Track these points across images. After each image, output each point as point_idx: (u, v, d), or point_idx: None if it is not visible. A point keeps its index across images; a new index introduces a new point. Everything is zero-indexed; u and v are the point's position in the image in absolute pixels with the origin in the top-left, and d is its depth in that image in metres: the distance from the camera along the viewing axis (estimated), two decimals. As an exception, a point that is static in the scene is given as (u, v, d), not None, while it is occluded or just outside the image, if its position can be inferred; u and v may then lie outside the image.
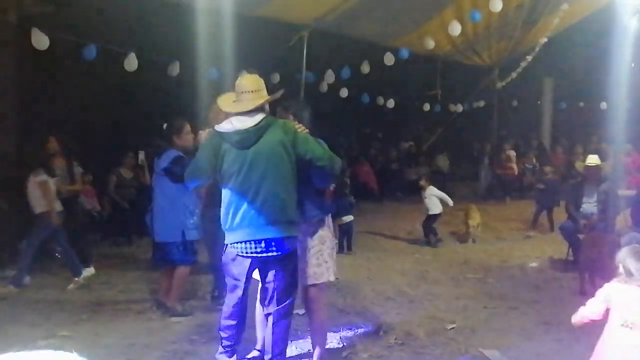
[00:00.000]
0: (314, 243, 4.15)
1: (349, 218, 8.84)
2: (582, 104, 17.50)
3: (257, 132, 3.87)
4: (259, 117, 3.90)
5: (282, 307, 4.01)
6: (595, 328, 3.62)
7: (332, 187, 4.30)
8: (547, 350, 4.81)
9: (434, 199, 9.29)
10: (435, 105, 15.39)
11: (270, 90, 4.14)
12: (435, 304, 6.14)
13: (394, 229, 10.49)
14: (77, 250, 7.10)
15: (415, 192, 11.35)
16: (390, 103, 14.53)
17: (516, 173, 14.50)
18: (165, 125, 5.73)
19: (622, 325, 3.40)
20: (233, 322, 4.10)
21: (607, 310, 3.49)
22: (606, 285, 3.58)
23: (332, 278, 4.24)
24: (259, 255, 3.92)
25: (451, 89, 14.97)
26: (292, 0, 8.73)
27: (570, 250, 7.73)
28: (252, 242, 3.89)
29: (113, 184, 9.42)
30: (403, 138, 16.87)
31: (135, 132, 11.43)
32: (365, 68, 11.81)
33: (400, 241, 9.60)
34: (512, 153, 14.81)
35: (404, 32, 11.30)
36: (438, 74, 14.10)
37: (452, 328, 5.37)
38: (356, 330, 5.29)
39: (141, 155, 9.10)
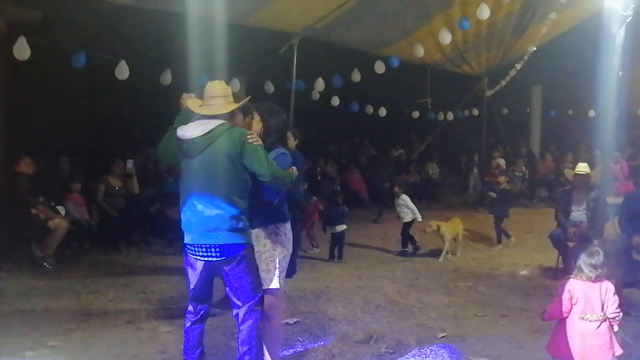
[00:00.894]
0: (265, 249, 4.13)
1: (341, 227, 8.81)
2: (570, 111, 17.60)
3: (204, 141, 3.87)
4: (213, 124, 3.89)
5: (247, 306, 3.96)
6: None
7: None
8: (537, 359, 4.81)
9: (404, 207, 9.26)
10: (425, 113, 15.44)
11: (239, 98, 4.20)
12: (425, 312, 6.14)
13: (385, 237, 10.49)
14: None
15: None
16: (382, 112, 14.56)
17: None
18: None
19: (581, 317, 3.86)
20: (189, 335, 4.09)
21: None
22: (567, 283, 3.98)
23: (278, 285, 4.17)
24: (204, 258, 3.95)
25: (441, 97, 15.01)
26: (282, 8, 8.73)
27: (560, 258, 7.75)
28: (195, 246, 3.95)
29: (101, 192, 9.36)
30: (393, 146, 16.90)
31: (124, 140, 11.42)
32: (356, 76, 11.84)
33: (391, 249, 9.58)
34: (502, 161, 14.86)
35: (393, 41, 11.33)
36: (428, 83, 14.16)
37: (443, 336, 5.37)
38: (347, 339, 5.27)
39: (129, 164, 9.07)
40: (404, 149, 16.98)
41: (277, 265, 4.15)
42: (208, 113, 3.95)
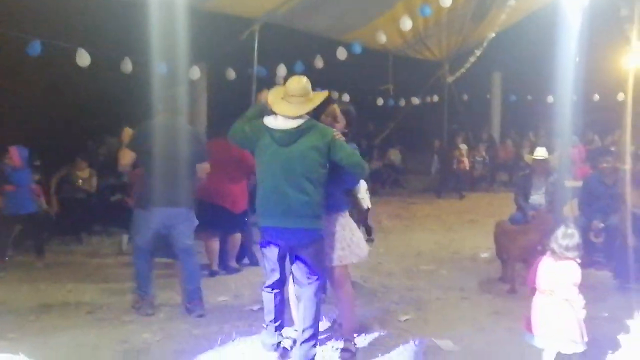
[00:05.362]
0: (336, 229, 4.55)
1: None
2: (530, 97, 17.89)
3: (297, 134, 4.26)
4: (302, 119, 4.29)
5: (310, 286, 4.37)
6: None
7: None
8: (498, 339, 4.90)
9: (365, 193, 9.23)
10: (387, 100, 15.50)
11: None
12: (389, 296, 6.20)
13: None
14: None
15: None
16: (345, 98, 14.54)
17: (467, 167, 14.75)
18: None
19: (543, 291, 4.14)
20: (273, 302, 4.60)
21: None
22: (541, 259, 4.33)
23: (354, 260, 4.62)
24: (285, 241, 4.35)
25: (403, 83, 15.09)
26: (243, -8, 8.66)
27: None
28: (279, 229, 4.32)
29: (62, 174, 9.22)
30: (356, 133, 16.91)
31: (85, 129, 11.21)
32: (319, 63, 11.80)
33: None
34: (464, 147, 15.05)
35: (355, 27, 11.32)
36: (390, 69, 14.21)
37: (406, 320, 5.44)
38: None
39: None
40: (366, 136, 17.02)
41: (350, 243, 4.57)
42: (283, 113, 4.29)
